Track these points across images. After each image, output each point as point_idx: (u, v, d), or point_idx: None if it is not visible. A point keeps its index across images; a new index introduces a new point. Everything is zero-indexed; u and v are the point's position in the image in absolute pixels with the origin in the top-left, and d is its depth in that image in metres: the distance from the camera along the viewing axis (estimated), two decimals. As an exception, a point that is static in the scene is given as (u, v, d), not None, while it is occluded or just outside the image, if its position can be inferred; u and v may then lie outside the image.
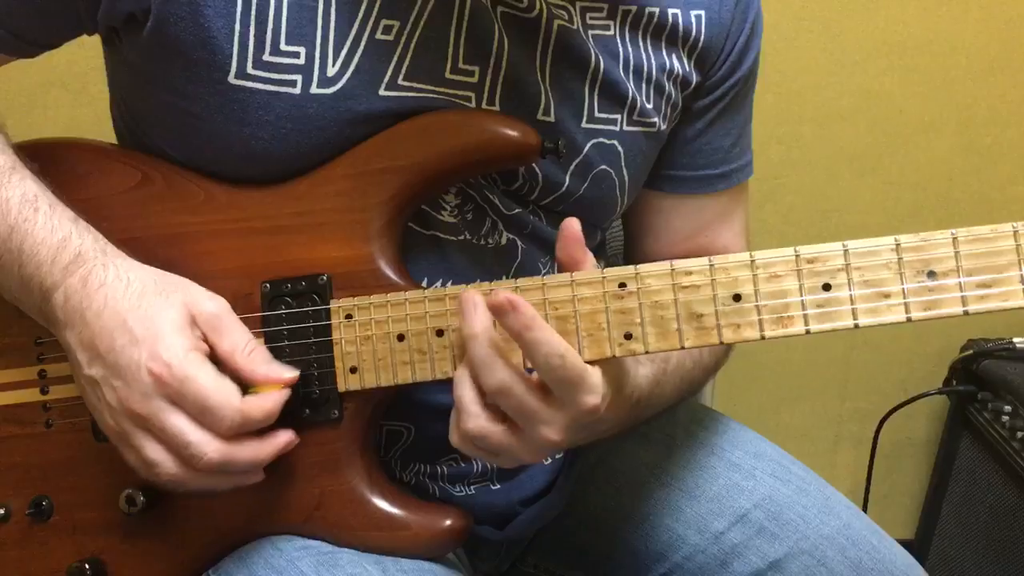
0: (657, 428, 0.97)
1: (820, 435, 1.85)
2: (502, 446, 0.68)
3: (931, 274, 0.66)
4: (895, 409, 1.67)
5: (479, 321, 0.67)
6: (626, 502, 0.93)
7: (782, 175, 1.65)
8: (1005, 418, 1.50)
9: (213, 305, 0.72)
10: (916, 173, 1.69)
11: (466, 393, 0.68)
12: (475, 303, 0.67)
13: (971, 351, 1.58)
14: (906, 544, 0.93)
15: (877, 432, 1.69)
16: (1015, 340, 1.55)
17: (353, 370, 0.74)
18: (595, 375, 0.68)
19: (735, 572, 0.88)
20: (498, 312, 0.65)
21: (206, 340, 0.71)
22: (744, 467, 0.93)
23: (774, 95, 1.61)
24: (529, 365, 0.67)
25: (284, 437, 0.72)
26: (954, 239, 0.66)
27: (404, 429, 0.83)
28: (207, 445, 0.68)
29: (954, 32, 1.61)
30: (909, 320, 0.66)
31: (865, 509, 1.73)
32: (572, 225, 0.70)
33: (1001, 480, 1.53)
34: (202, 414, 0.68)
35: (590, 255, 0.70)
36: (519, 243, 0.84)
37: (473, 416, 0.68)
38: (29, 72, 1.45)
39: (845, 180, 1.68)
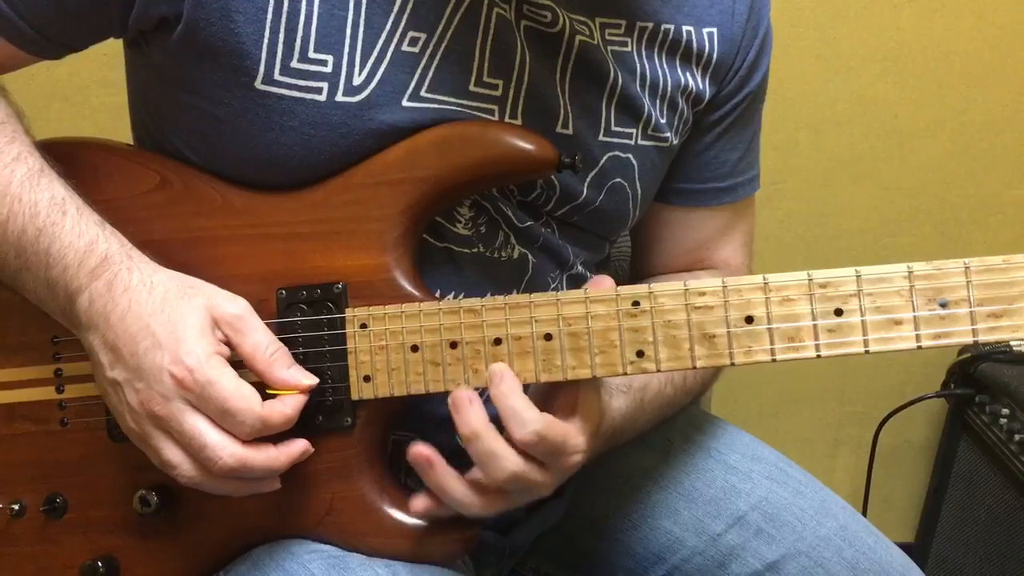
0: (655, 432, 0.97)
1: (819, 439, 1.86)
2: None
3: (943, 303, 0.66)
4: (894, 412, 1.67)
5: (477, 419, 0.70)
6: (624, 505, 0.94)
7: (779, 181, 1.66)
8: (1003, 420, 1.50)
9: (234, 307, 0.73)
10: (912, 178, 1.70)
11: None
12: (470, 399, 0.70)
13: (968, 354, 1.58)
14: (906, 547, 0.93)
15: (876, 435, 1.70)
16: (1012, 343, 1.55)
17: (367, 379, 0.75)
18: (576, 437, 0.71)
19: (732, 574, 0.89)
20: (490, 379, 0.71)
21: (228, 342, 0.72)
22: (741, 470, 0.93)
23: (770, 102, 1.59)
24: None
25: (299, 446, 0.73)
26: (966, 269, 0.66)
27: (410, 438, 0.83)
28: (223, 449, 0.69)
29: (948, 38, 1.62)
30: (919, 348, 0.66)
31: (865, 512, 1.73)
32: None
33: (999, 482, 1.53)
34: (223, 417, 0.69)
35: None
36: (530, 256, 0.85)
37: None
38: (31, 85, 1.47)
39: (841, 185, 1.69)
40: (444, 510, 0.74)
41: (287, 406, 0.71)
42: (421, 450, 0.72)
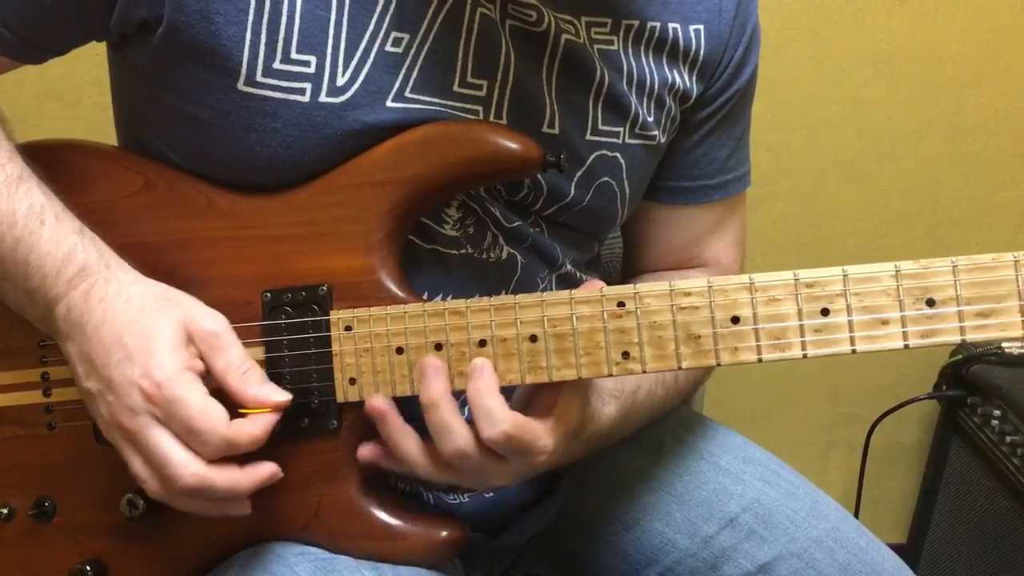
0: (647, 434, 0.97)
1: (812, 440, 1.86)
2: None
3: (930, 302, 0.66)
4: (886, 414, 1.67)
5: (438, 389, 0.70)
6: (616, 507, 0.94)
7: (771, 182, 1.67)
8: (994, 422, 1.51)
9: (211, 323, 0.72)
10: (904, 180, 1.70)
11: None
12: (436, 369, 0.71)
13: (961, 356, 1.59)
14: (898, 548, 0.93)
15: (868, 437, 1.70)
16: (1004, 345, 1.56)
17: (352, 381, 0.75)
18: (545, 438, 0.71)
19: None
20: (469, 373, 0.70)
21: (202, 358, 0.71)
22: (733, 471, 0.93)
23: (763, 103, 1.60)
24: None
25: (266, 469, 0.72)
26: (954, 267, 0.65)
27: None
28: (185, 468, 0.68)
29: (940, 40, 1.62)
30: (907, 347, 0.66)
31: (857, 514, 1.73)
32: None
33: (991, 484, 1.54)
34: (188, 435, 0.68)
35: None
36: (519, 257, 0.85)
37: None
38: (24, 85, 1.47)
39: (834, 187, 1.70)
40: (392, 463, 0.75)
41: (255, 427, 0.70)
42: (376, 403, 0.73)
